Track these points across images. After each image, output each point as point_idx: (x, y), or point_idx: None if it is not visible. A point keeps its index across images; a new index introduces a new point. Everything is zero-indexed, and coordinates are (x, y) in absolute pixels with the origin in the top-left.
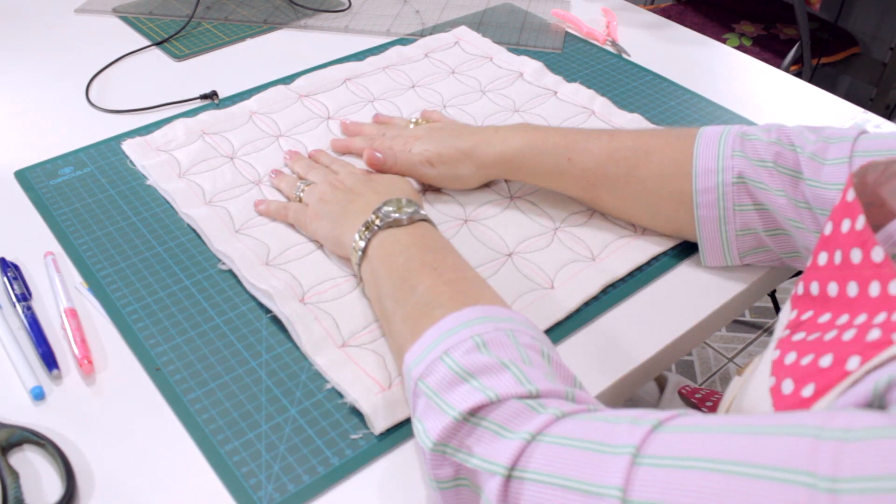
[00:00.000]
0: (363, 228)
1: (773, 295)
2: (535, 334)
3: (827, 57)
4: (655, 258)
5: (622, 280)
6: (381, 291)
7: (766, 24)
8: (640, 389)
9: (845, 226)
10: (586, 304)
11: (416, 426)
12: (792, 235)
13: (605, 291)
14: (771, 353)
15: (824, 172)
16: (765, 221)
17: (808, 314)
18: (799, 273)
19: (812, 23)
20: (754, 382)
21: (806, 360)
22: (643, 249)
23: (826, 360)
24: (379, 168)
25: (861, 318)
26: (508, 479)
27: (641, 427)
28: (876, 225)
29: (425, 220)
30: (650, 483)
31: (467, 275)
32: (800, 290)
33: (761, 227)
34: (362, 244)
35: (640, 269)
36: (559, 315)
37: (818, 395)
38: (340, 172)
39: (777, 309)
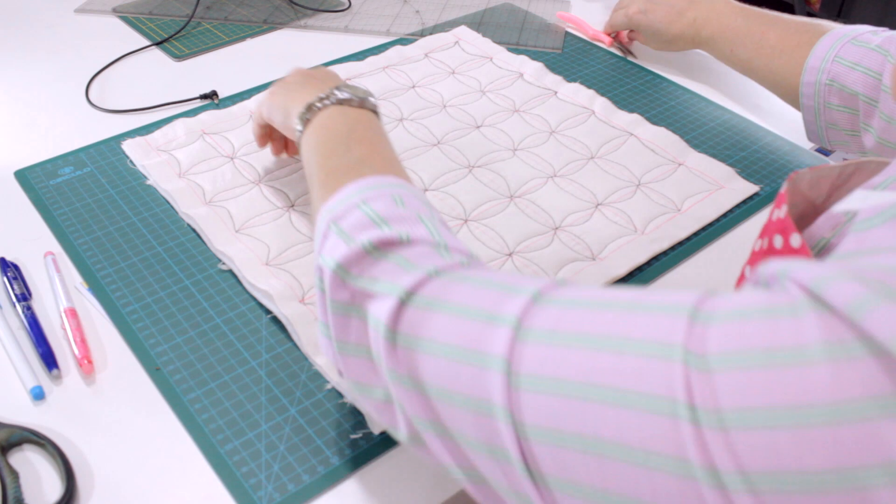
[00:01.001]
0: (315, 101)
1: None
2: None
3: None
4: (655, 258)
5: (622, 280)
6: (316, 154)
7: None
8: None
9: (775, 215)
10: None
11: (319, 260)
12: (862, 136)
13: None
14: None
15: None
16: (847, 121)
17: None
18: None
19: None
20: None
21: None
22: (643, 249)
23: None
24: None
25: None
26: (403, 303)
27: (522, 297)
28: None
29: (375, 111)
30: (530, 358)
31: (401, 165)
32: (745, 274)
33: (844, 125)
34: (308, 116)
35: (640, 269)
36: None
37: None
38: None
39: None
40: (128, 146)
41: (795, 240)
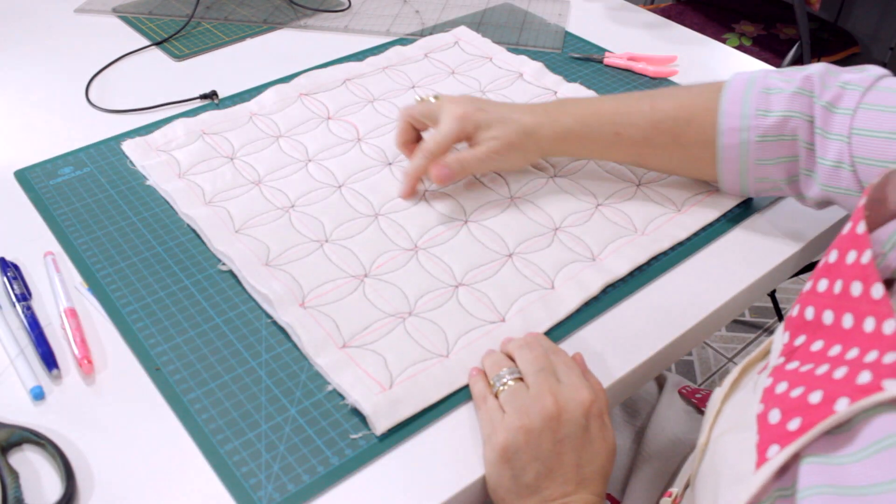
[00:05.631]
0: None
1: (773, 295)
2: None
3: (827, 57)
4: (655, 258)
5: (622, 280)
6: None
7: (766, 24)
8: (639, 389)
9: (850, 257)
10: (586, 303)
11: None
12: (800, 180)
13: (605, 291)
14: (764, 380)
15: (834, 122)
16: (780, 172)
17: (800, 339)
18: (801, 272)
19: (812, 23)
20: (741, 406)
21: (796, 393)
22: (643, 249)
23: (816, 397)
24: (449, 181)
25: (853, 353)
26: None
27: None
28: (872, 225)
29: None
30: None
31: None
32: (794, 312)
33: (779, 175)
34: None
35: (640, 269)
36: (560, 315)
37: (803, 430)
38: (561, 381)
39: (777, 309)
40: (128, 146)
41: (877, 290)
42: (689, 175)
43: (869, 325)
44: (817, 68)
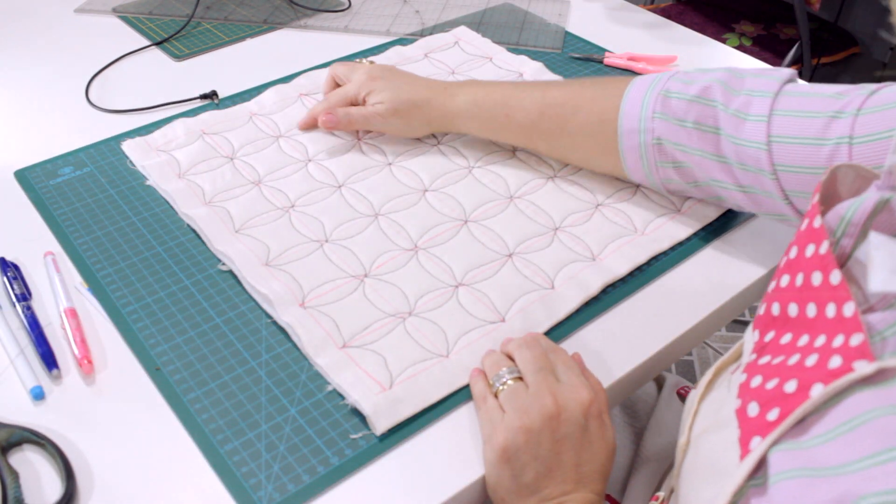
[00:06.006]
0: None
1: None
2: None
3: (827, 57)
4: (655, 258)
5: (622, 280)
6: None
7: (766, 24)
8: (638, 389)
9: (809, 250)
10: (586, 304)
11: None
12: (711, 186)
13: (605, 291)
14: (738, 377)
15: (745, 129)
16: (685, 177)
17: (770, 335)
18: None
19: (812, 23)
20: (716, 404)
21: (771, 384)
22: (643, 249)
23: (791, 386)
24: (335, 128)
25: (821, 341)
26: None
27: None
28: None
29: None
30: None
31: None
32: (761, 310)
33: (682, 180)
34: None
35: (640, 269)
36: (560, 315)
37: (782, 418)
38: (561, 380)
39: None
40: (128, 146)
41: (835, 277)
42: (599, 170)
43: (831, 310)
44: (719, 75)
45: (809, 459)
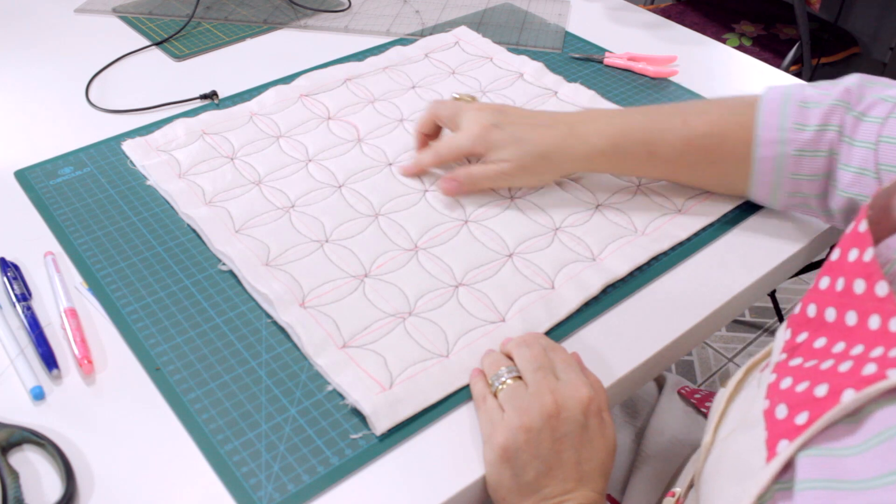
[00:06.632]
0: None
1: (773, 295)
2: None
3: (827, 57)
4: (655, 258)
5: (622, 280)
6: None
7: (766, 24)
8: (639, 389)
9: (852, 255)
10: (586, 303)
11: None
12: (827, 195)
13: (605, 291)
14: (768, 376)
15: (860, 129)
16: (818, 187)
17: (802, 336)
18: (801, 272)
19: (812, 23)
20: (746, 404)
21: (801, 388)
22: (643, 249)
23: (821, 390)
24: (457, 194)
25: (857, 350)
26: None
27: None
28: (881, 233)
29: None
30: None
31: None
32: (796, 310)
33: (813, 191)
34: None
35: (640, 269)
36: (560, 315)
37: (811, 422)
38: (560, 379)
39: (777, 309)
40: (128, 146)
41: (882, 288)
42: (718, 190)
43: (874, 322)
44: (854, 80)
45: (837, 470)
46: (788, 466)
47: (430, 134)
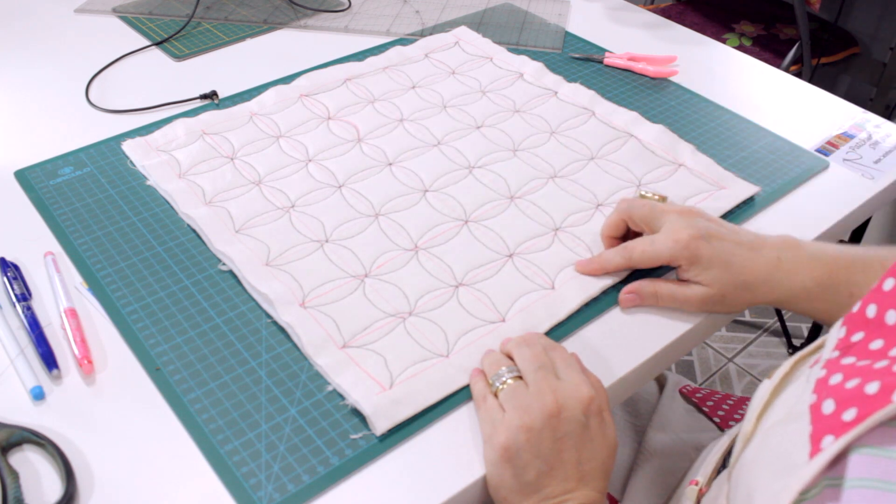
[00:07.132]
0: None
1: None
2: None
3: (827, 57)
4: None
5: (623, 280)
6: None
7: (765, 24)
8: (639, 388)
9: None
10: (586, 303)
11: None
12: None
13: (605, 291)
14: (817, 371)
15: None
16: None
17: (858, 335)
18: None
19: (812, 23)
20: (793, 398)
21: (851, 384)
22: None
23: (872, 388)
24: (633, 306)
25: None
26: None
27: None
28: None
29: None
30: None
31: None
32: (855, 308)
33: None
34: None
35: (640, 268)
36: (560, 315)
37: (859, 420)
38: (561, 378)
39: (777, 309)
40: (128, 146)
41: None
42: None
43: None
44: None
45: (890, 471)
46: (838, 463)
47: (618, 236)
